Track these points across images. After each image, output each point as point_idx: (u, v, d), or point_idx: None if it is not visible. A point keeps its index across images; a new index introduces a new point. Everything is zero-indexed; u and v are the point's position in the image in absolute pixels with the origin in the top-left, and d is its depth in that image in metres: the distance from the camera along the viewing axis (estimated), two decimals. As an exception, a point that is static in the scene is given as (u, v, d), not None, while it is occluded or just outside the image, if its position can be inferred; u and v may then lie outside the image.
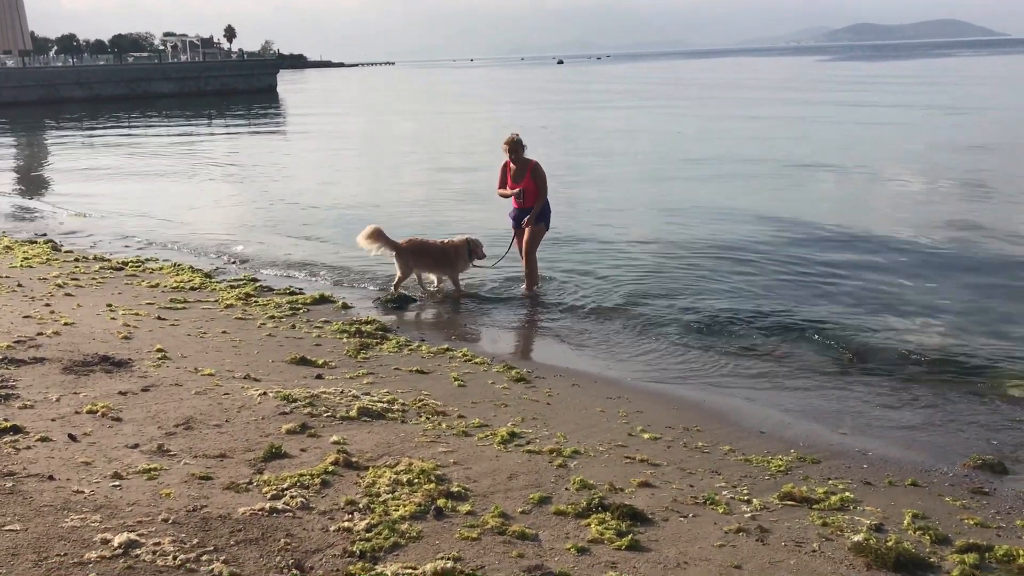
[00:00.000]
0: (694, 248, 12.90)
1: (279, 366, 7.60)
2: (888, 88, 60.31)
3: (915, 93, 53.06)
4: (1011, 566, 4.35)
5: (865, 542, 4.48)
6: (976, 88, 57.31)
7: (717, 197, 17.66)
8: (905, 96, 50.09)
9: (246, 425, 5.93)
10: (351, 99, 78.56)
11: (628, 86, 79.21)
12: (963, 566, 4.31)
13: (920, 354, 8.41)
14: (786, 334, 9.05)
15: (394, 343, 8.55)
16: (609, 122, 39.54)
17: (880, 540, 4.53)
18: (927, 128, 31.37)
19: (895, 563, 4.29)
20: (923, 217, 15.31)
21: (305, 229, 15.39)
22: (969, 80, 68.54)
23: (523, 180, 10.27)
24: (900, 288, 10.74)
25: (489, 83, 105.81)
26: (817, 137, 29.43)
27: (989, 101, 44.61)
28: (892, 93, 53.91)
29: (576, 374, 7.90)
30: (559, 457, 5.62)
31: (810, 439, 6.37)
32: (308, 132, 40.80)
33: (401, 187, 20.81)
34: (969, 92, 52.94)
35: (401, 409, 6.48)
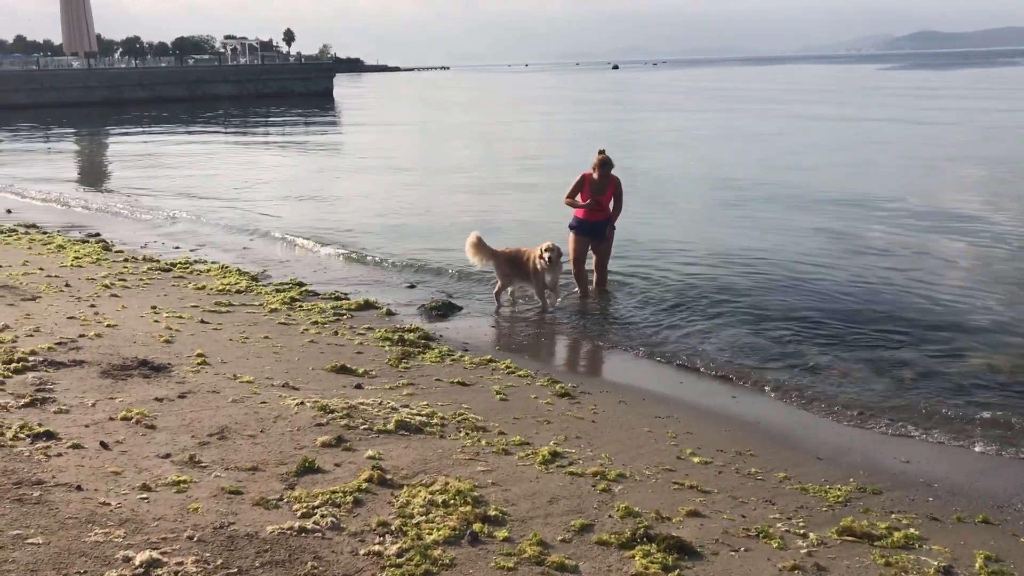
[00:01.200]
0: (751, 260, 12.47)
1: (319, 374, 7.45)
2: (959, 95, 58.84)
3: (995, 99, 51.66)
4: (1095, 620, 3.98)
5: (932, 587, 4.15)
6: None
7: (775, 208, 17.19)
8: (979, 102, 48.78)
9: (281, 436, 5.76)
10: (408, 102, 78.93)
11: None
12: (1042, 618, 3.95)
13: (987, 377, 7.98)
14: (846, 351, 8.66)
15: (436, 353, 8.35)
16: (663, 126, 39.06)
17: (949, 585, 4.20)
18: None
19: (966, 612, 3.95)
20: (997, 229, 14.70)
21: (351, 231, 15.30)
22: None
23: (606, 193, 10.46)
24: (971, 301, 10.26)
25: (546, 88, 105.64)
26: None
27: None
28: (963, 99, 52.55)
29: (623, 390, 7.61)
30: (603, 480, 5.35)
31: (871, 467, 6.02)
32: (363, 135, 40.99)
33: (454, 193, 20.67)
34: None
35: (440, 423, 6.26)
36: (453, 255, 12.96)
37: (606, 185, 10.44)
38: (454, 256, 12.89)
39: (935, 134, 32.61)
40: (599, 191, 10.45)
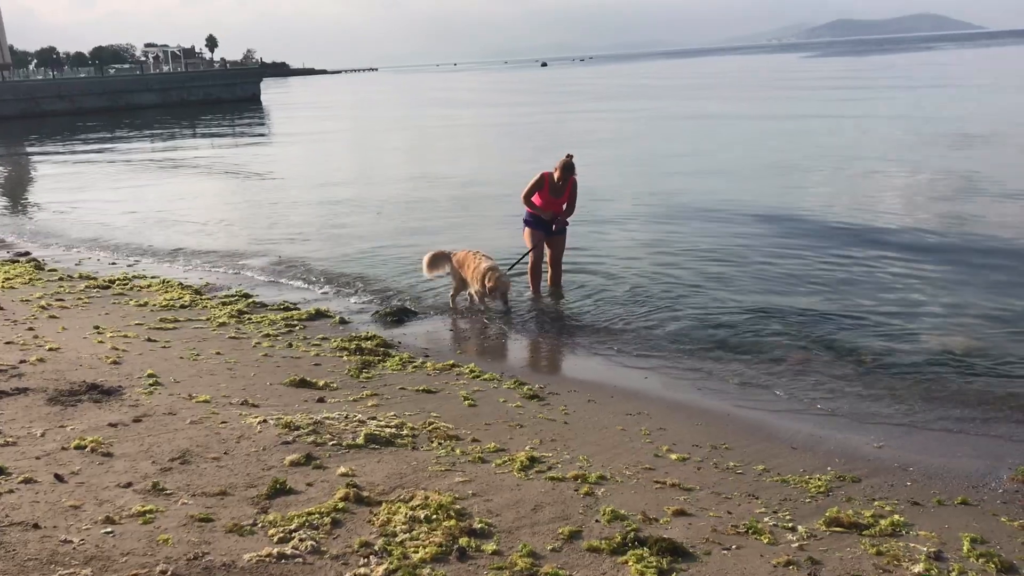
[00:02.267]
0: (699, 254, 12.51)
1: (278, 389, 7.20)
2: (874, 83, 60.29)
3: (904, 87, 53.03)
4: (1089, 597, 4.00)
5: (928, 574, 4.12)
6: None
7: (721, 198, 17.30)
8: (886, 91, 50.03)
9: (247, 457, 5.52)
10: (335, 105, 77.97)
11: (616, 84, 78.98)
12: (1038, 599, 3.96)
13: (943, 356, 8.10)
14: (803, 339, 8.71)
15: (397, 360, 8.17)
16: (594, 125, 39.23)
17: (942, 570, 4.18)
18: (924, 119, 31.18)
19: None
20: (933, 211, 15.01)
21: (295, 239, 14.96)
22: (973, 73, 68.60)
23: (563, 195, 10.48)
24: (917, 287, 10.43)
25: (476, 86, 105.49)
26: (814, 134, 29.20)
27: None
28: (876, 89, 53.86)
29: (591, 388, 7.52)
30: (585, 484, 5.23)
31: (845, 453, 6.02)
32: (292, 138, 40.34)
33: (388, 191, 20.39)
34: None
35: (411, 434, 6.09)
36: (400, 260, 12.80)
37: (565, 187, 10.43)
38: (400, 261, 12.74)
39: (858, 125, 33.31)
40: (558, 192, 10.44)
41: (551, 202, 10.46)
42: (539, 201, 10.45)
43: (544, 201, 10.45)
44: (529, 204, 10.51)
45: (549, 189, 10.39)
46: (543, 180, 10.41)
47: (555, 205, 10.50)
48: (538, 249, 10.63)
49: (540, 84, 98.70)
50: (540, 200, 10.44)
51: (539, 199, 10.45)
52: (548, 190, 10.40)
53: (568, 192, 10.49)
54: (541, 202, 10.45)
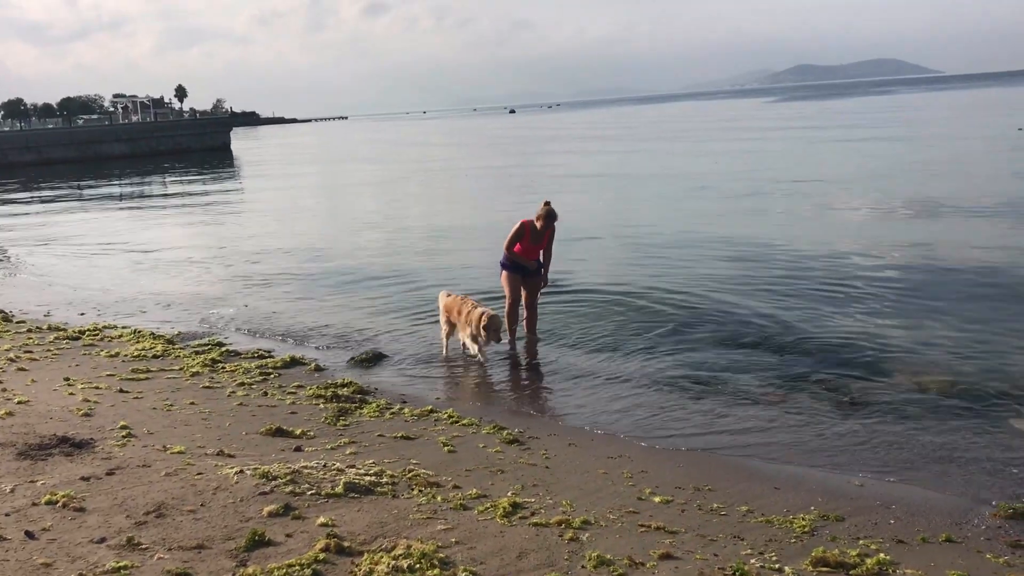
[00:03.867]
0: (667, 294, 12.54)
1: (254, 439, 7.09)
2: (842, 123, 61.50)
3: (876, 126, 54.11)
4: (1077, 632, 3.99)
5: (917, 612, 4.10)
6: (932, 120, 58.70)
7: (689, 236, 17.45)
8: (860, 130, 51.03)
9: (224, 509, 5.40)
10: (306, 153, 78.08)
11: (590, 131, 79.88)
12: (1028, 636, 3.94)
13: (919, 393, 8.16)
14: (781, 378, 8.75)
15: (374, 407, 8.08)
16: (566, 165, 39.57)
17: (931, 609, 4.16)
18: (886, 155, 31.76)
19: (955, 636, 3.91)
20: (899, 246, 15.22)
21: (268, 286, 14.86)
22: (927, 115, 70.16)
23: (542, 241, 10.53)
24: (889, 323, 10.52)
25: (445, 133, 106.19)
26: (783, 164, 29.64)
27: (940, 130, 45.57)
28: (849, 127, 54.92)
29: (571, 432, 7.49)
30: (569, 529, 5.17)
31: (828, 492, 6.02)
32: (263, 187, 40.28)
33: (359, 237, 20.37)
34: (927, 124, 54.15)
35: (391, 482, 6.00)
36: (373, 305, 12.75)
37: (543, 234, 10.47)
38: (370, 306, 12.70)
39: (826, 161, 33.89)
40: (538, 239, 10.47)
41: (531, 249, 10.48)
42: (519, 249, 10.45)
43: (524, 249, 10.45)
44: (511, 253, 10.49)
45: (530, 237, 10.42)
46: (524, 229, 10.41)
47: (535, 252, 10.53)
48: (514, 290, 10.59)
49: (511, 130, 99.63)
50: (520, 248, 10.45)
51: (519, 247, 10.45)
52: (529, 238, 10.42)
53: (547, 239, 10.53)
54: (521, 250, 10.45)
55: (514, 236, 10.45)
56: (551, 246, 10.67)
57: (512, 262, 10.54)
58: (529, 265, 10.53)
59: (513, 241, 10.43)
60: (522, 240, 10.42)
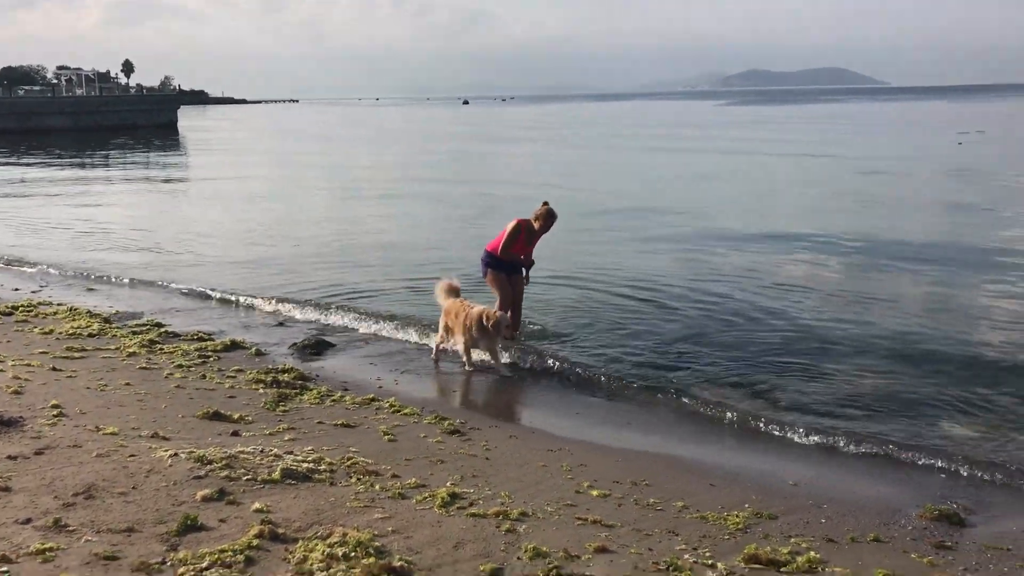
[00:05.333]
0: (618, 289, 12.65)
1: (190, 422, 6.96)
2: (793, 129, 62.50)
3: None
4: (995, 631, 4.11)
5: (843, 610, 4.19)
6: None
7: (639, 234, 17.58)
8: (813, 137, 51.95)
9: (156, 492, 5.30)
10: (253, 135, 76.95)
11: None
12: (948, 634, 4.05)
13: (853, 396, 8.32)
14: (718, 378, 8.85)
15: (315, 394, 8.00)
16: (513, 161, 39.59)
17: (857, 607, 4.25)
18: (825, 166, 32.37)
19: (879, 633, 4.00)
20: (842, 228, 15.53)
21: (210, 267, 14.62)
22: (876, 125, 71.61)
23: (535, 242, 10.21)
24: (824, 330, 10.70)
25: (397, 120, 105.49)
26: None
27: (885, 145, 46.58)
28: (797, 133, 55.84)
29: (512, 424, 7.53)
30: (506, 520, 5.18)
31: (762, 490, 6.11)
32: (209, 165, 39.57)
33: (307, 222, 20.15)
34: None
35: (329, 469, 5.94)
36: (317, 290, 12.63)
37: (538, 236, 10.15)
38: (318, 291, 12.59)
39: (781, 163, 34.41)
40: (532, 240, 10.13)
41: (524, 250, 10.13)
42: (514, 250, 10.04)
43: (518, 249, 10.08)
44: (507, 254, 10.01)
45: (525, 238, 10.05)
46: (520, 228, 9.98)
47: (524, 251, 10.16)
48: (506, 289, 10.09)
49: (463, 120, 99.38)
50: (515, 248, 10.05)
51: (515, 247, 10.05)
52: (524, 239, 10.06)
53: (537, 240, 10.21)
54: (515, 250, 10.07)
55: (511, 237, 9.97)
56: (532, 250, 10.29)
57: (494, 259, 10.07)
58: (523, 264, 10.16)
59: (510, 242, 10.00)
60: (517, 241, 10.02)
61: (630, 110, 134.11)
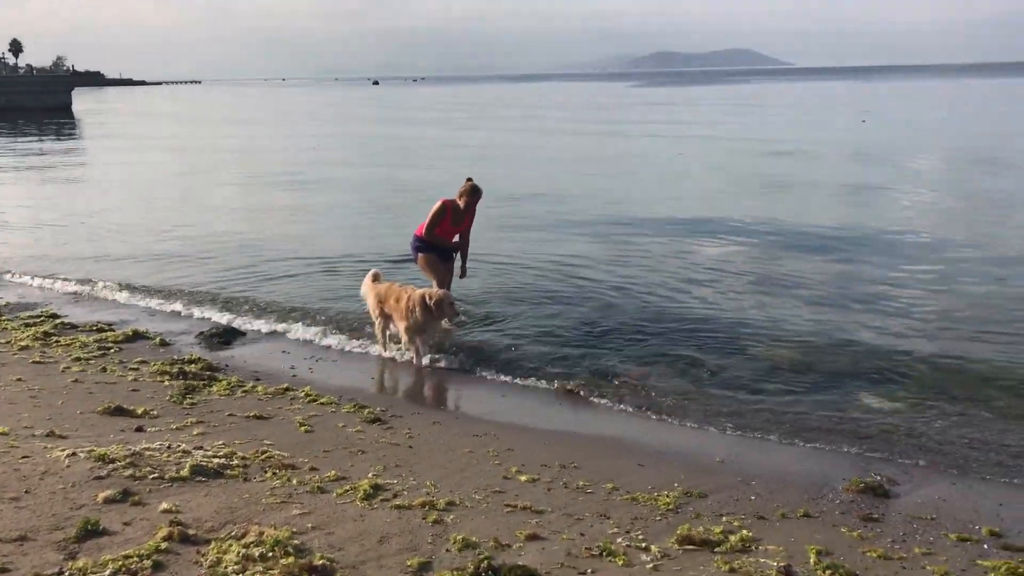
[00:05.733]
0: (532, 269, 12.51)
1: (90, 418, 6.53)
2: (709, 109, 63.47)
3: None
4: (929, 603, 4.09)
5: (780, 589, 4.12)
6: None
7: (539, 222, 17.47)
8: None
9: (52, 496, 4.90)
10: (151, 118, 74.29)
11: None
12: (885, 608, 4.01)
13: (772, 370, 8.36)
14: (640, 355, 8.79)
15: (225, 384, 7.62)
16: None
17: (794, 584, 4.19)
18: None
19: (817, 612, 3.93)
20: (752, 212, 15.72)
21: (109, 254, 13.92)
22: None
23: (464, 223, 9.77)
24: (740, 298, 10.79)
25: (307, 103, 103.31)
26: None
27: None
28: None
29: (435, 410, 7.34)
30: (433, 511, 4.96)
31: (690, 468, 6.04)
32: (107, 149, 37.95)
33: (214, 214, 19.44)
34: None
35: (242, 464, 5.62)
36: (222, 279, 12.14)
37: (466, 213, 9.70)
38: (224, 276, 12.11)
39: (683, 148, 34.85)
40: (460, 219, 9.70)
41: (451, 232, 9.73)
42: (440, 231, 9.68)
43: (444, 231, 9.68)
44: (431, 236, 9.65)
45: (451, 218, 9.63)
46: (446, 209, 9.58)
47: (454, 234, 9.76)
48: (440, 271, 9.72)
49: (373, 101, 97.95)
50: (440, 231, 9.67)
51: (439, 229, 9.67)
52: (450, 219, 9.63)
53: (468, 221, 9.79)
54: (441, 232, 9.67)
55: (435, 217, 9.56)
56: (469, 231, 9.88)
57: (424, 243, 9.67)
58: (450, 247, 9.78)
59: (434, 223, 9.57)
60: (443, 222, 9.60)
61: (542, 91, 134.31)
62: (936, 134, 39.67)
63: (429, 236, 9.64)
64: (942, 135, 39.00)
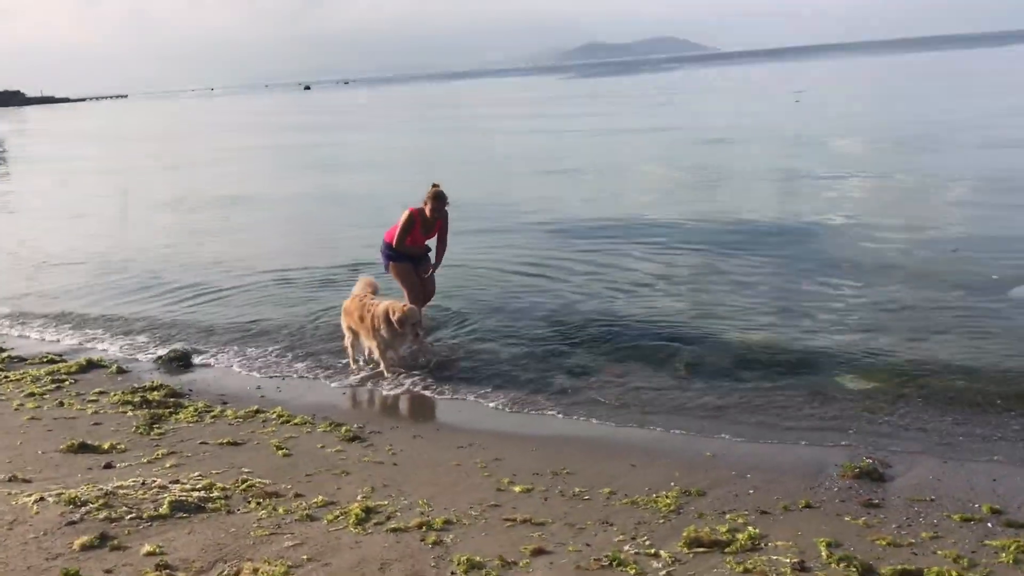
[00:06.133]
0: (488, 270, 12.30)
1: (53, 458, 6.20)
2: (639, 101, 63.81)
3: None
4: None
5: (799, 587, 4.03)
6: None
7: (504, 210, 17.28)
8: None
9: (24, 547, 4.61)
10: (80, 135, 72.20)
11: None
12: (907, 599, 3.94)
13: (747, 358, 8.30)
14: (615, 351, 8.68)
15: (191, 411, 7.33)
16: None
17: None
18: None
19: (841, 608, 3.85)
20: (697, 205, 15.72)
21: (50, 281, 13.37)
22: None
23: (435, 230, 9.48)
24: (706, 286, 10.74)
25: (237, 112, 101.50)
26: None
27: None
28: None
29: (413, 423, 7.12)
30: (431, 531, 4.79)
31: (683, 465, 5.94)
32: (36, 172, 36.74)
33: (149, 224, 18.86)
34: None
35: (223, 495, 5.37)
36: (172, 296, 11.75)
37: (436, 222, 9.40)
38: (173, 297, 11.73)
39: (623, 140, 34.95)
40: (429, 228, 9.42)
41: (420, 240, 9.44)
42: (411, 241, 9.41)
43: (413, 241, 9.41)
44: (401, 247, 9.35)
45: (420, 227, 9.36)
46: (414, 219, 9.30)
47: (423, 241, 9.50)
48: (412, 279, 9.49)
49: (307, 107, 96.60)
50: (411, 240, 9.40)
51: (410, 239, 9.40)
52: (419, 228, 9.36)
53: (439, 227, 9.50)
54: (412, 241, 9.42)
55: (404, 230, 9.28)
56: (445, 236, 9.60)
57: (395, 252, 9.42)
58: (414, 251, 9.50)
59: (403, 234, 9.30)
60: (412, 232, 9.34)
61: (475, 89, 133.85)
62: (871, 109, 40.43)
63: (400, 247, 9.39)
64: (877, 110, 39.74)
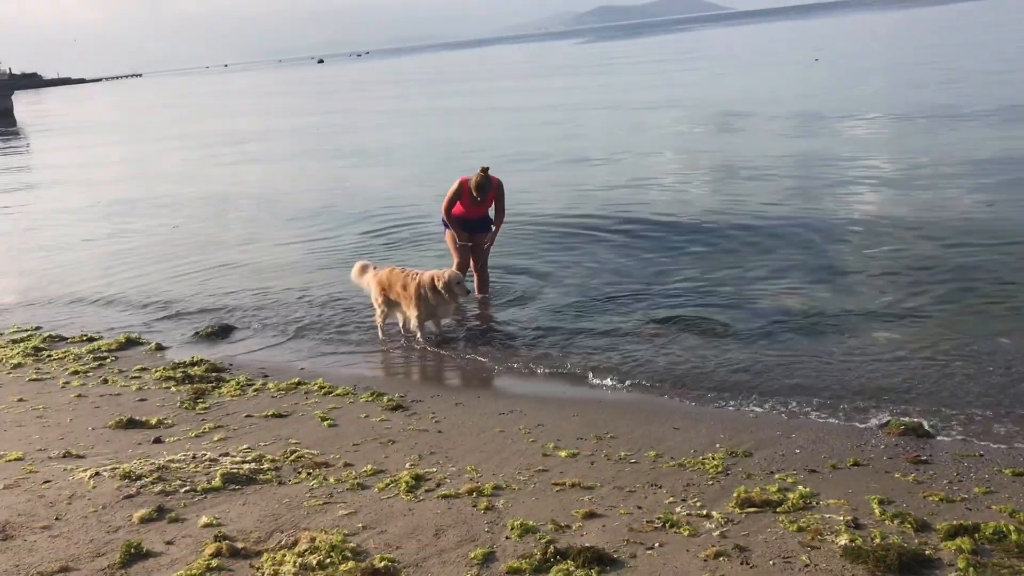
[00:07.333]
0: (528, 242, 12.28)
1: (103, 434, 6.29)
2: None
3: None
4: (1006, 544, 4.02)
5: (854, 545, 4.03)
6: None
7: (534, 188, 17.25)
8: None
9: (84, 520, 4.69)
10: (102, 117, 72.52)
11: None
12: (964, 555, 3.93)
13: (782, 319, 8.26)
14: (649, 317, 8.64)
15: (234, 384, 7.40)
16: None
17: (867, 539, 4.11)
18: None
19: (899, 564, 3.85)
20: (766, 184, 15.63)
21: (84, 262, 13.50)
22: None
23: (484, 207, 9.48)
24: (745, 255, 10.66)
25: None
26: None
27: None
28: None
29: (453, 390, 7.16)
30: (482, 497, 4.82)
31: (727, 427, 5.95)
32: (60, 154, 36.96)
33: (181, 204, 18.97)
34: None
35: (273, 467, 5.43)
36: (204, 274, 11.82)
37: (484, 202, 9.40)
38: (205, 275, 11.79)
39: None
40: (479, 204, 9.41)
41: (472, 211, 9.48)
42: (459, 210, 9.45)
43: (466, 209, 9.44)
44: (448, 215, 9.46)
45: (469, 198, 9.35)
46: (463, 188, 9.31)
47: (476, 213, 9.52)
48: (460, 251, 9.53)
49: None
50: (461, 208, 9.43)
51: (459, 207, 9.43)
52: (467, 198, 9.36)
53: (492, 197, 9.43)
54: (463, 210, 9.44)
55: (452, 197, 9.36)
56: (502, 202, 9.53)
57: (456, 219, 9.50)
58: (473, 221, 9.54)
59: (452, 201, 9.37)
60: (461, 199, 9.36)
61: (491, 56, 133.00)
62: (889, 67, 39.80)
63: (447, 214, 9.50)
64: (898, 67, 39.11)
